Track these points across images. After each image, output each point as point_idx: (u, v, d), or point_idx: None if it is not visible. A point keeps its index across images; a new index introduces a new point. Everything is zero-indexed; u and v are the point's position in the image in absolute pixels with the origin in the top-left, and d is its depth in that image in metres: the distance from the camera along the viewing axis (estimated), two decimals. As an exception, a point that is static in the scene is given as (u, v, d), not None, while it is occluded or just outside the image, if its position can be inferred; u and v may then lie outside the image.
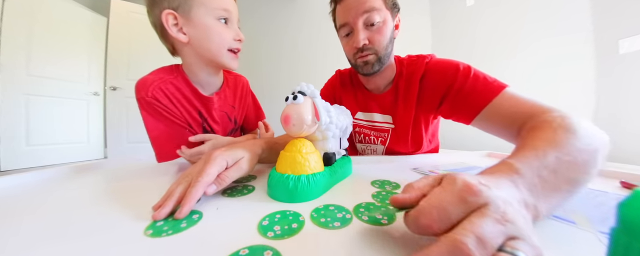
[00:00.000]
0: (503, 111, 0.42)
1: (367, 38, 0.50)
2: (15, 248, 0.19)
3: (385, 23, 0.50)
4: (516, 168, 0.20)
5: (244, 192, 0.33)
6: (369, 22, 0.49)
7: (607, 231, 0.12)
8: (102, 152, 2.56)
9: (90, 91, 2.44)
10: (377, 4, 0.49)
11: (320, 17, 2.56)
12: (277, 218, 0.24)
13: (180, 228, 0.22)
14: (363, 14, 0.48)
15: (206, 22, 0.46)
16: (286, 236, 0.20)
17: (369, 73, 0.55)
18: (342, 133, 0.41)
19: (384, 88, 0.62)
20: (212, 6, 0.45)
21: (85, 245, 0.19)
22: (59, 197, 0.32)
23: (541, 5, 1.99)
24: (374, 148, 0.66)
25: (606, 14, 1.71)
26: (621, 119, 1.67)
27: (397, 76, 0.59)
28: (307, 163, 0.30)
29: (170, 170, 0.50)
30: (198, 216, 0.25)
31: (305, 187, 0.28)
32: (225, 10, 0.46)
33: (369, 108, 0.63)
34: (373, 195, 0.31)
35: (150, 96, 0.48)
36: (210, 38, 0.47)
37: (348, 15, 0.50)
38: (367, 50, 0.51)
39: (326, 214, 0.25)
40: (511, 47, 2.18)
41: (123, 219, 0.24)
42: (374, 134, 0.64)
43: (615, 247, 0.11)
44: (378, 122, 0.63)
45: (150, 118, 0.49)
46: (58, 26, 2.18)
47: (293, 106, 0.30)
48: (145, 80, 0.50)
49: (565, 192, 0.21)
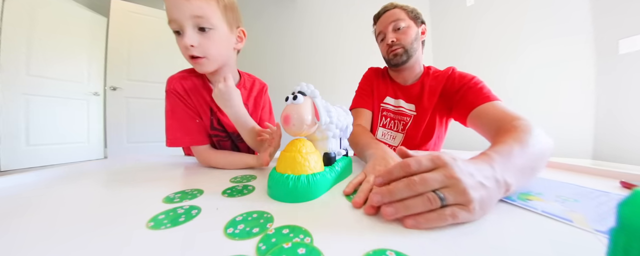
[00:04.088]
0: (488, 114, 0.53)
1: (395, 37, 0.67)
2: (15, 248, 0.19)
3: (409, 28, 0.68)
4: (493, 156, 0.28)
5: (243, 192, 0.33)
6: (396, 27, 0.68)
7: (606, 231, 0.12)
8: (102, 152, 2.56)
9: (90, 91, 2.44)
10: (401, 16, 0.68)
11: (320, 17, 2.56)
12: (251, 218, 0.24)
13: (178, 222, 0.23)
14: (391, 23, 0.68)
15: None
16: (245, 238, 0.20)
17: (398, 64, 0.69)
18: (342, 133, 0.41)
19: (412, 82, 0.75)
20: (168, 18, 0.47)
21: (85, 244, 0.19)
22: (59, 197, 0.32)
23: (541, 5, 1.99)
24: (393, 135, 0.76)
25: (606, 14, 1.71)
26: (621, 119, 1.67)
27: (424, 75, 0.73)
28: (307, 163, 0.30)
29: (171, 170, 0.50)
30: (196, 211, 0.26)
31: (305, 186, 0.29)
32: (172, 22, 0.46)
33: (397, 95, 0.76)
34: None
35: (172, 88, 0.57)
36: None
37: (381, 26, 0.70)
38: (395, 46, 0.67)
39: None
40: (511, 47, 2.17)
41: (123, 219, 0.24)
42: (398, 118, 0.75)
43: (614, 247, 0.11)
44: (403, 107, 0.75)
45: (169, 107, 0.57)
46: (58, 26, 2.18)
47: (293, 106, 0.30)
48: (173, 76, 0.59)
49: (528, 175, 0.31)
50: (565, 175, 0.42)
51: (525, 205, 0.26)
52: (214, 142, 0.63)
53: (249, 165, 0.51)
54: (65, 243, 0.20)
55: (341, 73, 2.44)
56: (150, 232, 0.21)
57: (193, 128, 0.57)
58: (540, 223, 0.22)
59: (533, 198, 0.28)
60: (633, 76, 1.63)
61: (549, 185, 0.33)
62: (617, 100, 1.74)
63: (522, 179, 0.29)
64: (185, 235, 0.21)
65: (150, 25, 2.42)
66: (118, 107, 2.36)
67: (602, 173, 0.41)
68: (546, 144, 0.35)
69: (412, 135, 0.73)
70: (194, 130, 0.57)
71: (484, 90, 0.59)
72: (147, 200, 0.30)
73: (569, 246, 0.18)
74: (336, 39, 2.44)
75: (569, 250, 0.18)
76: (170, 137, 0.57)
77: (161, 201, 0.29)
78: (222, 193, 0.32)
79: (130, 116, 2.39)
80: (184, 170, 0.50)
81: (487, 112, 0.54)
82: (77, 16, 2.31)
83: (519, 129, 0.37)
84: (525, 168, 0.30)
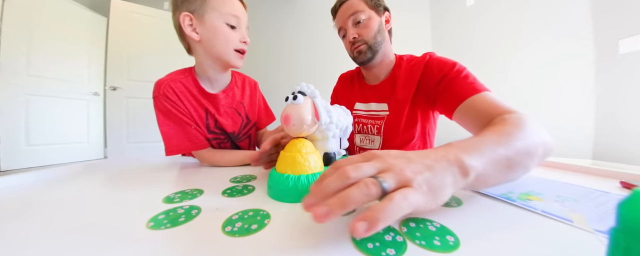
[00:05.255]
0: (477, 107, 0.47)
1: (356, 33, 0.61)
2: (15, 248, 0.19)
3: (370, 20, 0.61)
4: (453, 143, 0.25)
5: (243, 192, 0.33)
6: (355, 21, 0.61)
7: (606, 231, 0.12)
8: (102, 152, 2.56)
9: (90, 91, 2.44)
10: (360, 7, 0.60)
11: (319, 16, 2.56)
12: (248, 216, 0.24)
13: (178, 222, 0.23)
14: (349, 16, 0.61)
15: (216, 25, 0.52)
16: (245, 235, 0.21)
17: (364, 61, 0.64)
18: (342, 133, 0.41)
19: (384, 77, 0.68)
20: (223, 11, 0.52)
21: (85, 245, 0.19)
22: (59, 197, 0.32)
23: (541, 5, 1.99)
24: (372, 138, 0.71)
25: (606, 14, 1.71)
26: (621, 119, 1.67)
27: (396, 67, 0.66)
28: (307, 163, 0.30)
29: (171, 170, 0.50)
30: (196, 211, 0.26)
31: (305, 186, 0.29)
32: (234, 16, 0.53)
33: (367, 99, 0.71)
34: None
35: (161, 94, 0.54)
36: (218, 38, 0.53)
37: (340, 21, 0.64)
38: (358, 42, 0.61)
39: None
40: (511, 47, 2.17)
41: (123, 219, 0.24)
42: (371, 122, 0.70)
43: (614, 247, 0.11)
44: (374, 110, 0.69)
45: (161, 115, 0.56)
46: (58, 26, 2.18)
47: (293, 106, 0.31)
48: (160, 80, 0.56)
49: (505, 167, 0.26)
50: (565, 175, 0.42)
51: (525, 205, 0.26)
52: (215, 145, 0.63)
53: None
54: (65, 243, 0.20)
55: (341, 72, 2.44)
56: (150, 232, 0.21)
57: (191, 132, 0.56)
58: (540, 223, 0.22)
59: (533, 198, 0.28)
60: (633, 76, 1.63)
61: (549, 185, 0.33)
62: (617, 100, 1.74)
63: (495, 170, 0.25)
64: (185, 234, 0.21)
65: (150, 25, 2.42)
66: (118, 107, 2.36)
67: (602, 173, 0.41)
68: (539, 140, 0.30)
69: (389, 135, 0.67)
70: (193, 134, 0.56)
71: (469, 80, 0.52)
72: (147, 200, 0.30)
73: (569, 246, 0.18)
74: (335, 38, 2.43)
75: (569, 250, 0.18)
76: (169, 144, 0.55)
77: (161, 202, 0.29)
78: (222, 193, 0.32)
79: (130, 116, 2.39)
80: (184, 170, 0.50)
81: (476, 106, 0.47)
82: (77, 16, 2.31)
83: (507, 122, 0.33)
84: (500, 158, 0.25)
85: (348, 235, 0.20)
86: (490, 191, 0.30)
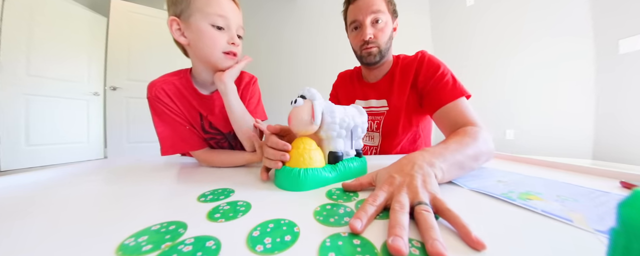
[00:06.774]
0: (450, 115, 0.54)
1: (373, 34, 0.61)
2: (15, 248, 0.19)
3: (386, 24, 0.62)
4: (426, 149, 0.35)
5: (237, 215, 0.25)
6: (375, 19, 0.60)
7: (606, 231, 0.12)
8: (102, 152, 2.56)
9: (90, 91, 2.44)
10: (382, 7, 0.60)
11: (319, 16, 2.56)
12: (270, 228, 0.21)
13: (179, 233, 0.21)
14: (371, 13, 0.60)
15: (201, 27, 0.50)
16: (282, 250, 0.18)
17: (371, 63, 0.65)
18: (350, 133, 0.40)
19: (382, 76, 0.71)
20: (208, 12, 0.50)
21: (85, 245, 0.19)
22: (59, 197, 0.32)
23: (541, 5, 1.99)
24: (371, 135, 0.74)
25: (606, 14, 1.71)
26: (621, 119, 1.67)
27: (394, 66, 0.69)
28: (305, 159, 0.33)
29: (170, 170, 0.50)
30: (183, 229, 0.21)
31: (303, 178, 0.32)
32: (220, 17, 0.50)
33: (367, 96, 0.73)
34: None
35: (153, 96, 0.54)
36: (203, 41, 0.51)
37: (359, 13, 0.61)
38: (372, 44, 0.62)
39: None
40: (511, 47, 2.17)
41: (123, 218, 0.24)
42: (371, 118, 0.72)
43: (615, 247, 0.11)
44: (374, 106, 0.71)
45: (155, 116, 0.55)
46: (58, 26, 2.18)
47: (294, 108, 0.34)
48: (152, 82, 0.56)
49: (458, 167, 0.36)
50: (565, 175, 0.42)
51: (525, 204, 0.26)
52: (212, 144, 0.62)
53: (249, 161, 0.52)
54: (65, 244, 0.20)
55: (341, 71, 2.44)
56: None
57: (185, 132, 0.56)
58: (540, 223, 0.22)
59: (533, 198, 0.28)
60: (633, 76, 1.63)
61: (549, 185, 0.33)
62: (617, 100, 1.74)
63: (452, 169, 0.34)
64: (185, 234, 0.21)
65: (150, 25, 2.42)
66: (118, 107, 2.36)
67: (602, 173, 0.41)
68: (484, 149, 0.41)
69: (389, 131, 0.69)
70: (187, 134, 0.56)
71: (449, 86, 0.56)
72: (147, 200, 0.30)
73: (569, 246, 0.18)
74: (335, 38, 2.45)
75: (569, 250, 0.18)
76: (164, 145, 0.55)
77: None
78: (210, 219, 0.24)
79: (130, 116, 2.39)
80: (184, 170, 0.50)
81: (449, 114, 0.55)
82: (77, 16, 2.32)
83: (466, 133, 0.43)
84: (456, 162, 0.35)
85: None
86: (490, 191, 0.30)
